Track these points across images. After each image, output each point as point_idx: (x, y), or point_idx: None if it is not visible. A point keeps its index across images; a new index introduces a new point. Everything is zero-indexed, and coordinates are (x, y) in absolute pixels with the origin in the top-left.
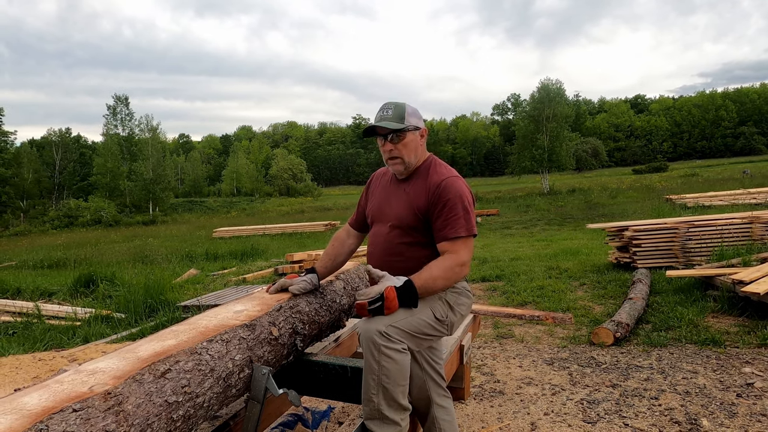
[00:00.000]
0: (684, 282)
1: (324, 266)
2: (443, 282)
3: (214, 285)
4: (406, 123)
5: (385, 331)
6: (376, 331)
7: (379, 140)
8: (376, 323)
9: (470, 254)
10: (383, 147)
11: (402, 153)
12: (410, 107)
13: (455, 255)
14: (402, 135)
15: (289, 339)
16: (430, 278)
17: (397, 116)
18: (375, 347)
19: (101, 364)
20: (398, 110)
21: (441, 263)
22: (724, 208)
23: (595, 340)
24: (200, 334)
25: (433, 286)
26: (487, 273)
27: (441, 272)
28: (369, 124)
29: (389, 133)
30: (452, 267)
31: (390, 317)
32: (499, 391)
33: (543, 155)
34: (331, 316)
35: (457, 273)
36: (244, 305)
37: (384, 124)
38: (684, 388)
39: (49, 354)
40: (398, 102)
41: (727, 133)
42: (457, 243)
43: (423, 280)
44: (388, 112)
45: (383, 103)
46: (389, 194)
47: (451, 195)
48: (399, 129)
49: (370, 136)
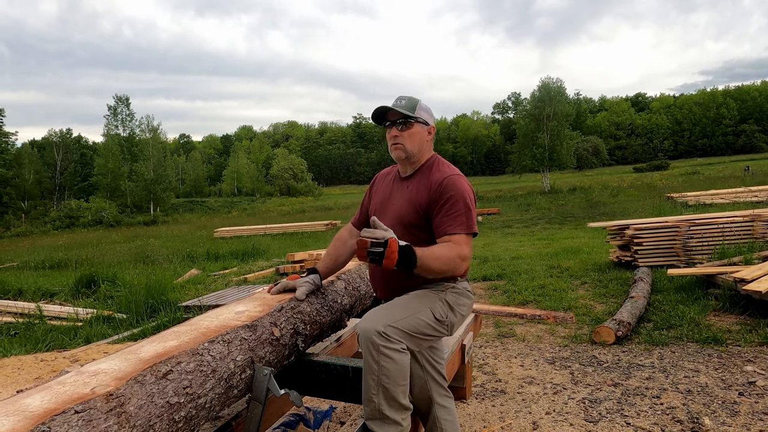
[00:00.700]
0: (685, 280)
1: (326, 266)
2: (440, 265)
3: (215, 285)
4: (417, 114)
5: (384, 331)
6: (375, 331)
7: (387, 128)
8: (373, 323)
9: (470, 252)
10: (390, 132)
11: (406, 141)
12: (424, 103)
13: (458, 246)
14: (410, 124)
15: (291, 339)
16: (431, 255)
17: (409, 106)
18: (374, 347)
19: (103, 366)
20: (411, 102)
21: (444, 248)
22: (725, 206)
23: (596, 339)
24: (202, 334)
25: (430, 264)
26: (488, 272)
27: (442, 254)
28: (381, 106)
29: (399, 119)
30: (453, 256)
31: (388, 316)
32: (500, 391)
33: (544, 154)
34: (332, 316)
35: (457, 264)
36: (246, 306)
37: (396, 108)
38: (686, 386)
39: (51, 355)
40: (413, 96)
41: (728, 131)
42: (456, 238)
43: (423, 253)
44: (402, 101)
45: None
46: (392, 192)
47: (453, 192)
48: (409, 116)
49: (380, 123)
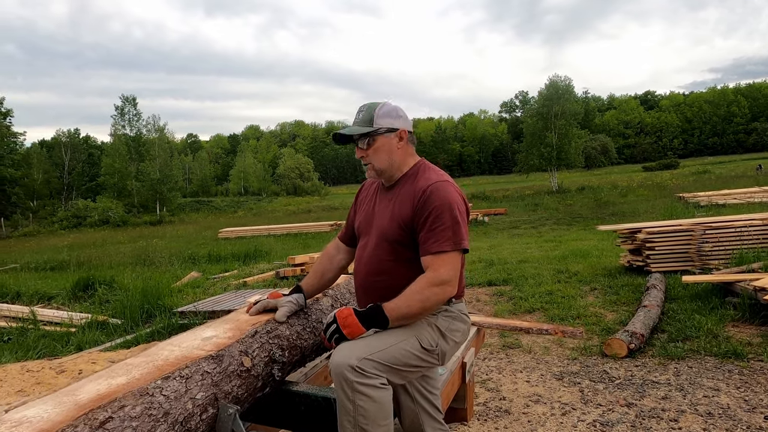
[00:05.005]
0: (701, 288)
1: (311, 284)
2: (419, 305)
3: (213, 289)
4: (376, 125)
5: (358, 365)
6: (348, 366)
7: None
8: (346, 356)
9: (454, 272)
10: (356, 153)
11: (372, 159)
12: (386, 107)
13: (433, 273)
14: (372, 139)
15: (265, 369)
16: (404, 301)
17: (365, 119)
18: (347, 384)
19: (30, 412)
20: (368, 112)
21: (416, 284)
22: (740, 207)
23: (607, 352)
24: (157, 369)
25: (407, 312)
26: (493, 277)
27: (415, 294)
28: (334, 132)
29: (358, 139)
30: (428, 287)
31: (364, 348)
32: (504, 410)
33: (552, 153)
34: (315, 338)
35: (436, 294)
36: (215, 330)
37: (347, 130)
38: (706, 408)
39: (39, 364)
40: (372, 102)
41: (739, 129)
42: (439, 258)
43: (395, 304)
44: (360, 115)
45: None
46: (375, 205)
47: (438, 203)
48: (366, 133)
49: (345, 143)
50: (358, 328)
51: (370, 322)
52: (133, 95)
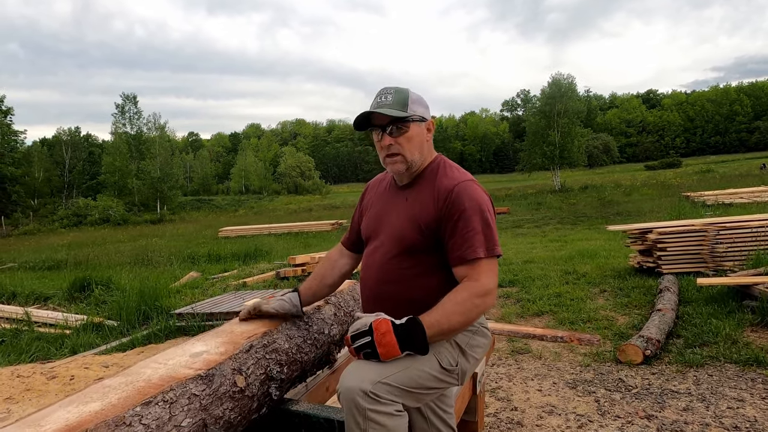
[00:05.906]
0: (716, 290)
1: (309, 288)
2: (460, 319)
3: (212, 290)
4: (410, 111)
5: (372, 390)
6: (360, 391)
7: (375, 134)
8: (358, 379)
9: (494, 280)
10: (381, 142)
11: (404, 149)
12: (414, 93)
13: (474, 283)
14: (405, 126)
15: (260, 388)
16: (444, 315)
17: (398, 102)
18: (359, 412)
19: None
20: (400, 96)
21: (455, 295)
22: (748, 207)
23: (621, 358)
24: (137, 392)
25: (448, 327)
26: (499, 277)
27: (456, 306)
28: (363, 112)
29: (389, 124)
30: (470, 298)
31: (379, 369)
32: (516, 422)
33: (554, 151)
34: (317, 351)
35: (478, 306)
36: (206, 345)
37: (383, 110)
38: (731, 421)
39: (30, 368)
40: (400, 87)
41: (742, 128)
42: (477, 266)
43: (434, 318)
44: (387, 98)
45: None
46: (387, 205)
47: (467, 205)
48: (402, 117)
49: (364, 129)
50: (394, 349)
51: (406, 342)
52: (133, 93)
